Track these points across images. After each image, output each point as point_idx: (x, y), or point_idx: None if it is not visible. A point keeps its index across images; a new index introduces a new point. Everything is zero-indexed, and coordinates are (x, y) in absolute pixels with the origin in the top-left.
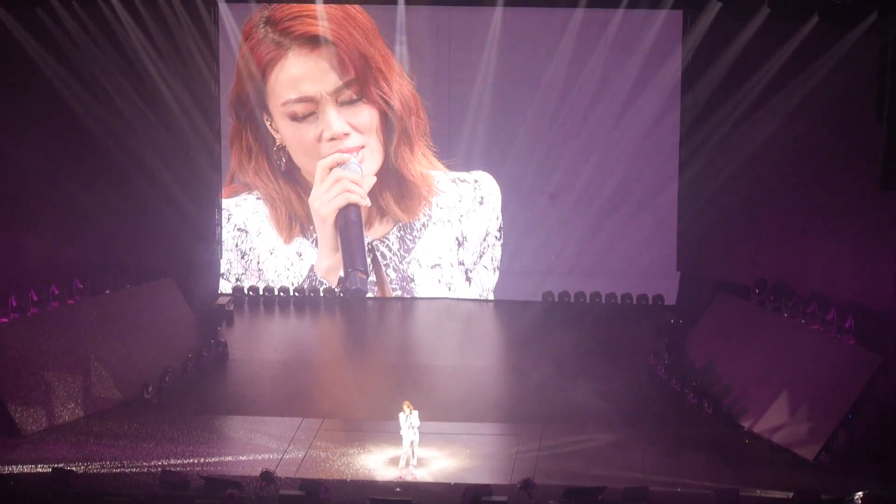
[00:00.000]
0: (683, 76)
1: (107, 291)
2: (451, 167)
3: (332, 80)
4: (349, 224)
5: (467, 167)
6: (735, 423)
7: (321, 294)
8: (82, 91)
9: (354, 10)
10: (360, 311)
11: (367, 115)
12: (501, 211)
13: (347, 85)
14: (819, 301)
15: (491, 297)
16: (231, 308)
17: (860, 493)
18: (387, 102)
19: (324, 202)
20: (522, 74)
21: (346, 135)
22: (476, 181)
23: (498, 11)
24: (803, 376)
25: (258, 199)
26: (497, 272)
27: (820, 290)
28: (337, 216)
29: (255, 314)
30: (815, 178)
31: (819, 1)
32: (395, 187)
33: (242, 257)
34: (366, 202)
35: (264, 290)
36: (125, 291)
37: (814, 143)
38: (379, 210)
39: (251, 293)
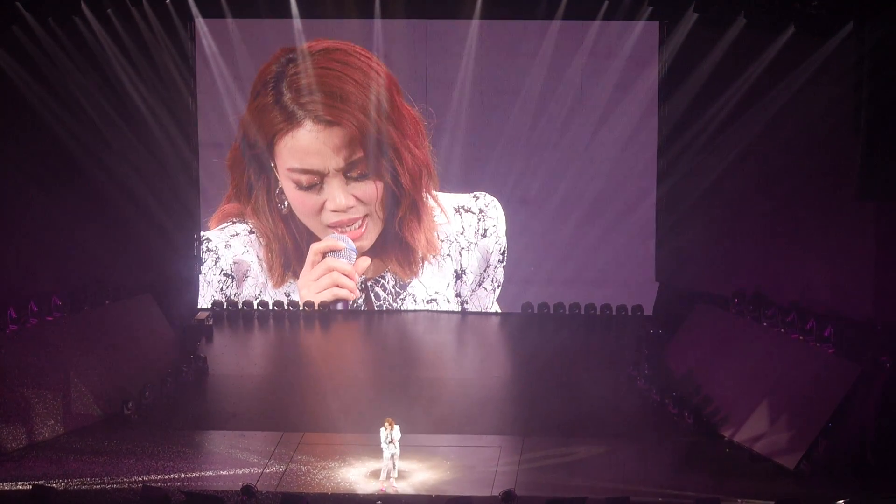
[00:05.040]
0: (660, 87)
1: (85, 308)
2: (443, 188)
3: (340, 159)
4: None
5: (445, 179)
6: (715, 433)
7: (301, 308)
8: (58, 108)
9: (372, 67)
10: (340, 325)
11: (372, 187)
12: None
13: (356, 164)
14: (798, 311)
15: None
16: (210, 323)
17: (841, 502)
18: (395, 179)
19: (311, 292)
20: (500, 85)
21: (350, 207)
22: (481, 211)
23: (475, 23)
24: (783, 385)
25: (251, 232)
26: (497, 290)
27: (799, 299)
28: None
29: (235, 329)
30: (792, 188)
31: (795, 11)
32: (397, 250)
33: (226, 300)
34: (354, 297)
35: (243, 304)
36: (104, 308)
37: (791, 153)
38: (379, 261)
39: (230, 308)
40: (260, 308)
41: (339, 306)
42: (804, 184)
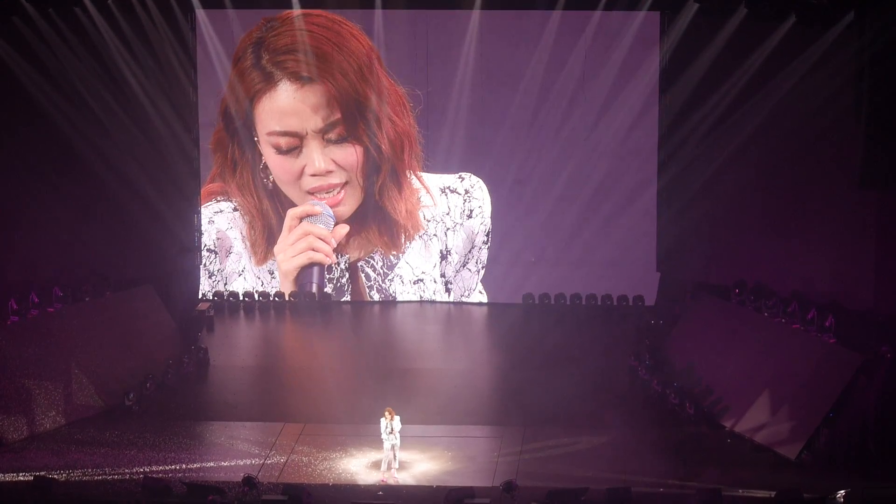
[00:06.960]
0: (661, 77)
1: (87, 299)
2: (433, 170)
3: (318, 119)
4: (308, 286)
5: (446, 168)
6: (717, 424)
7: (302, 298)
8: (60, 99)
9: (353, 34)
10: (340, 315)
11: (351, 152)
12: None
13: (333, 125)
14: (799, 300)
15: (475, 296)
16: (211, 314)
17: (842, 492)
18: (374, 143)
19: (287, 257)
20: (501, 76)
21: (329, 171)
22: (466, 192)
23: (476, 14)
24: (784, 376)
25: (235, 209)
26: (481, 272)
27: (800, 289)
28: (298, 274)
29: (236, 320)
30: (794, 178)
31: (796, 1)
32: (380, 222)
33: (210, 277)
34: (330, 261)
35: (244, 295)
36: (105, 299)
37: (792, 143)
38: (363, 237)
39: (231, 299)
40: (261, 299)
41: (315, 274)
42: (805, 173)
